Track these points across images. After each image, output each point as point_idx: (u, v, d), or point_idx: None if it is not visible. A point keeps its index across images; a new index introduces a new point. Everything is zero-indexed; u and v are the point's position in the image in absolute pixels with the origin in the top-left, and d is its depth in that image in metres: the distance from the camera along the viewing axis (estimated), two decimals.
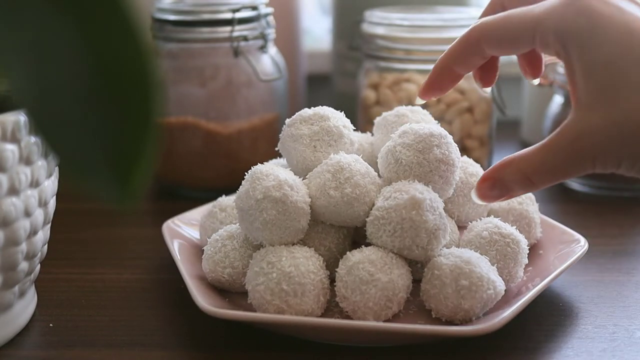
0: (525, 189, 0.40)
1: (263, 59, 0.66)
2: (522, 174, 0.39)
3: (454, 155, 0.44)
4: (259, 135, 0.67)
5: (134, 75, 0.23)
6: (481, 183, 0.41)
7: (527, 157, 0.39)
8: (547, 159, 0.38)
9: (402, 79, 0.67)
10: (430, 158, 0.43)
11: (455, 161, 0.45)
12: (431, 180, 0.44)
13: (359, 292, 0.41)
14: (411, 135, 0.44)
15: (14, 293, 0.42)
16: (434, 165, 0.43)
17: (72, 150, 0.24)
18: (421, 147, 0.44)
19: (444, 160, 0.44)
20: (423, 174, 0.44)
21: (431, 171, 0.43)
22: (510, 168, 0.40)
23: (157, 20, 0.66)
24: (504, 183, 0.40)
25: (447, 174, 0.44)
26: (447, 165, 0.44)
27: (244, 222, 0.44)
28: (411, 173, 0.44)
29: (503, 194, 0.41)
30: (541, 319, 0.45)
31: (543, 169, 0.38)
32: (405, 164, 0.44)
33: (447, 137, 0.45)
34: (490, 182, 0.41)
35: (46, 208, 0.42)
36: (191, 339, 0.43)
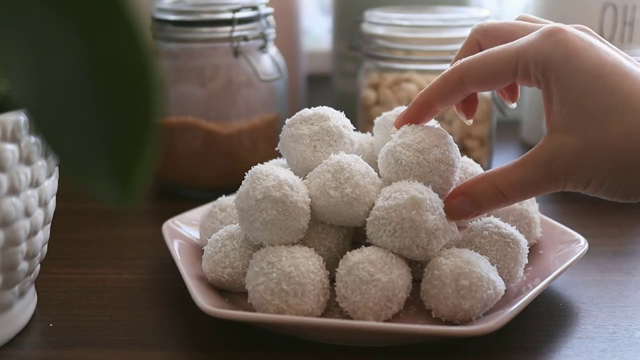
0: (495, 204, 0.42)
1: (263, 59, 0.67)
2: (495, 188, 0.41)
3: (453, 155, 0.44)
4: (259, 135, 0.67)
5: (134, 75, 0.23)
6: (451, 199, 0.43)
7: (502, 173, 0.41)
8: (523, 175, 0.40)
9: (402, 79, 0.67)
10: (430, 158, 0.43)
11: (455, 161, 0.44)
12: (431, 180, 0.44)
13: (358, 292, 0.41)
14: (411, 136, 0.44)
15: (14, 293, 0.42)
16: (433, 166, 0.43)
17: (72, 150, 0.24)
18: (421, 147, 0.43)
19: (443, 160, 0.44)
20: (423, 174, 0.43)
21: (431, 171, 0.43)
22: (484, 183, 0.42)
23: (157, 20, 0.66)
24: (475, 198, 0.42)
25: (447, 174, 0.44)
26: (447, 165, 0.44)
27: (244, 222, 0.44)
28: (411, 173, 0.44)
29: (472, 211, 0.43)
30: (541, 319, 0.45)
31: (518, 185, 0.41)
32: (405, 164, 0.43)
33: (447, 137, 0.45)
34: (461, 198, 0.43)
35: (46, 208, 0.42)
36: (191, 339, 0.43)
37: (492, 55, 0.41)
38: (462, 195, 0.43)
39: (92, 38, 0.23)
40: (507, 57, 0.41)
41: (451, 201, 0.43)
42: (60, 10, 0.23)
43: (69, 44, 0.23)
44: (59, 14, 0.23)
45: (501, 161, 0.76)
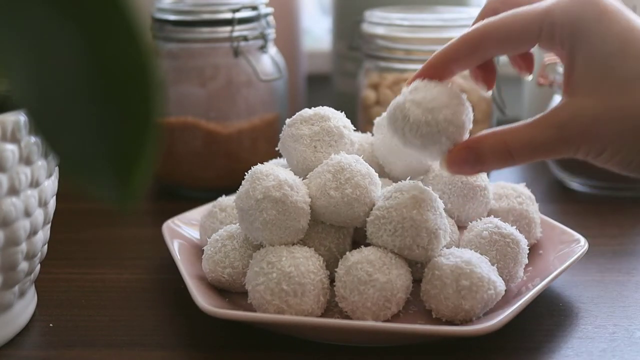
0: (501, 163, 0.40)
1: (263, 59, 0.66)
2: (504, 145, 0.39)
3: (464, 117, 0.41)
4: (259, 135, 0.67)
5: (134, 75, 0.23)
6: (456, 151, 0.41)
7: (513, 131, 0.39)
8: (535, 135, 0.39)
9: (402, 79, 0.67)
10: (439, 118, 0.40)
11: (466, 123, 0.41)
12: (438, 142, 0.41)
13: (357, 292, 0.41)
14: (422, 92, 0.41)
15: (14, 293, 0.42)
16: (442, 126, 0.40)
17: (72, 150, 0.24)
18: (431, 106, 0.40)
19: (453, 121, 0.40)
20: (430, 134, 0.40)
21: (439, 132, 0.40)
22: (493, 139, 0.40)
23: (157, 20, 0.66)
24: (481, 153, 0.40)
25: (455, 136, 0.41)
26: (456, 127, 0.40)
27: (244, 222, 0.44)
28: (418, 132, 0.40)
29: (475, 167, 0.40)
30: (541, 319, 0.45)
31: (529, 144, 0.39)
32: (412, 121, 0.40)
33: (460, 96, 0.42)
34: (466, 151, 0.40)
35: (46, 208, 0.42)
36: (191, 339, 0.43)
37: (517, 15, 0.39)
38: (467, 148, 0.40)
39: (92, 38, 0.23)
40: (533, 17, 0.39)
41: (455, 153, 0.40)
42: (61, 10, 0.23)
43: (69, 44, 0.23)
44: (59, 14, 0.23)
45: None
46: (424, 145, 0.41)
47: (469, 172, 0.41)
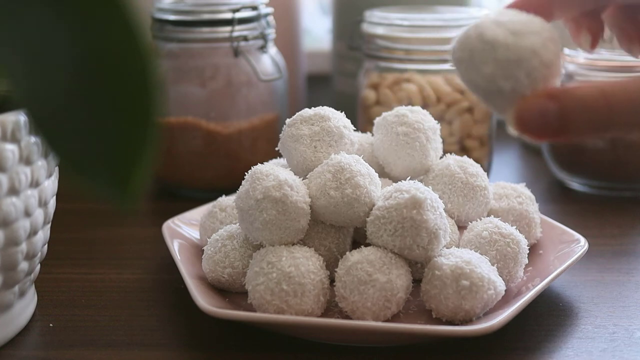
0: (592, 126, 0.29)
1: (263, 59, 0.66)
2: (602, 97, 0.28)
3: (556, 57, 0.32)
4: (259, 135, 0.67)
5: (134, 75, 0.23)
6: (534, 98, 0.30)
7: (616, 83, 0.29)
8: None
9: (402, 79, 0.67)
10: (523, 44, 0.31)
11: (555, 66, 0.32)
12: (512, 76, 0.31)
13: (357, 292, 0.41)
14: (508, 15, 0.32)
15: (14, 293, 0.42)
16: (524, 55, 0.31)
17: (72, 150, 0.24)
18: (516, 29, 0.31)
19: (540, 53, 0.31)
20: (506, 63, 0.31)
21: (519, 61, 0.31)
22: (587, 88, 0.29)
23: (157, 20, 0.66)
24: (568, 107, 0.29)
25: (537, 74, 0.31)
26: (541, 63, 0.31)
27: (244, 222, 0.44)
28: (491, 56, 0.31)
29: (554, 127, 0.29)
30: (541, 319, 0.45)
31: None
32: (487, 40, 0.31)
33: (554, 35, 0.32)
34: (548, 101, 0.29)
35: (46, 208, 0.42)
36: (191, 339, 0.43)
37: None
38: (550, 97, 0.29)
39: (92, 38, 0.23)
40: None
41: (530, 99, 0.30)
42: (61, 10, 0.23)
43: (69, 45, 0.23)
44: (58, 14, 0.23)
45: (501, 161, 0.76)
46: (493, 78, 0.31)
47: (543, 134, 0.30)
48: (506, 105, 0.31)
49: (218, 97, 0.65)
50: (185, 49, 0.65)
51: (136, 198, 0.24)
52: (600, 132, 0.29)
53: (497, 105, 0.32)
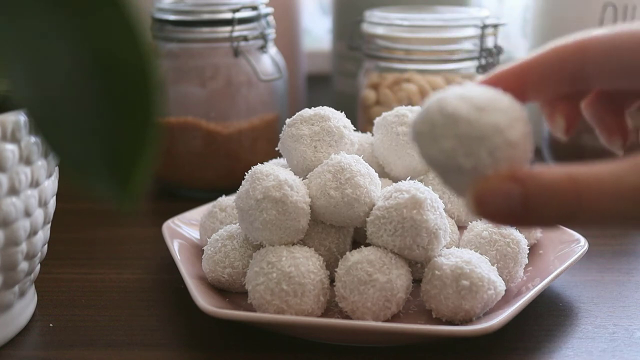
0: (558, 215, 0.26)
1: (263, 59, 0.66)
2: (572, 187, 0.25)
3: (523, 137, 0.28)
4: (259, 135, 0.67)
5: (134, 75, 0.23)
6: (495, 180, 0.27)
7: (590, 170, 0.25)
8: (633, 181, 0.25)
9: (402, 79, 0.67)
10: (486, 120, 0.28)
11: (521, 146, 0.28)
12: (474, 155, 0.28)
13: (357, 292, 0.41)
14: (475, 89, 0.29)
15: (14, 293, 0.42)
16: (487, 132, 0.27)
17: (72, 150, 0.24)
18: (482, 105, 0.28)
19: (505, 132, 0.28)
20: (467, 139, 0.28)
21: (481, 138, 0.27)
22: (557, 175, 0.26)
23: (157, 20, 0.66)
24: (532, 193, 0.26)
25: (501, 153, 0.28)
26: (506, 142, 0.28)
27: (244, 222, 0.44)
28: (453, 131, 0.28)
29: (516, 212, 0.26)
30: (541, 319, 0.45)
31: (616, 194, 0.25)
32: (449, 113, 0.28)
33: (523, 114, 0.29)
34: (510, 184, 0.26)
35: (46, 208, 0.42)
36: (191, 339, 0.43)
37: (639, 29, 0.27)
38: (513, 183, 0.26)
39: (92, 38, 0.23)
40: None
41: (492, 180, 0.27)
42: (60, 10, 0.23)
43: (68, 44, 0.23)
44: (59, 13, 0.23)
45: None
46: (453, 154, 0.28)
47: (504, 219, 0.27)
48: (466, 185, 0.28)
49: (218, 97, 0.65)
50: (185, 49, 0.65)
51: (136, 198, 0.24)
52: (568, 222, 0.26)
53: (457, 184, 0.29)
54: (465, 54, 0.67)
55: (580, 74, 0.29)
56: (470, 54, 0.67)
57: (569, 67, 0.29)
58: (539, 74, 0.30)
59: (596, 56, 0.28)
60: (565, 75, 0.29)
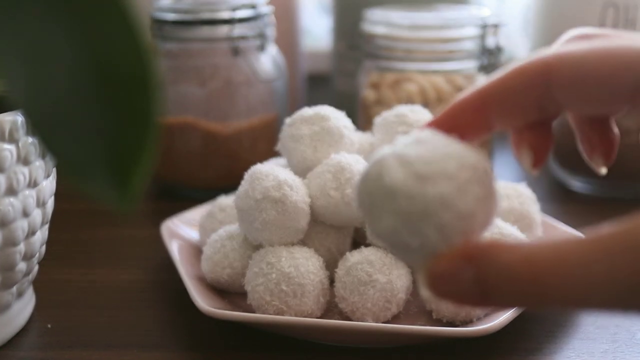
0: (517, 300, 0.23)
1: (263, 59, 0.66)
2: (530, 268, 0.22)
3: (477, 204, 0.25)
4: (259, 135, 0.67)
5: (134, 75, 0.22)
6: (446, 260, 0.24)
7: (550, 247, 0.22)
8: (594, 262, 0.22)
9: (402, 79, 0.67)
10: (430, 193, 0.24)
11: (478, 215, 0.25)
12: (419, 234, 0.24)
13: (357, 293, 0.41)
14: (421, 148, 0.25)
15: (11, 294, 0.41)
16: (431, 208, 0.24)
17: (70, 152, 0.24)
18: (425, 171, 0.25)
19: (453, 205, 0.24)
20: (408, 217, 0.24)
21: (425, 216, 0.24)
22: (512, 253, 0.23)
23: (156, 19, 0.65)
24: (485, 272, 0.23)
25: (451, 231, 0.25)
26: (456, 216, 0.24)
27: (244, 223, 0.44)
28: (392, 206, 0.24)
29: (469, 291, 0.23)
30: (542, 319, 0.45)
31: (577, 275, 0.22)
32: (387, 187, 0.25)
33: (479, 168, 0.25)
34: (462, 265, 0.23)
35: (44, 208, 0.42)
36: (190, 340, 0.43)
37: (611, 50, 0.25)
38: (466, 263, 0.23)
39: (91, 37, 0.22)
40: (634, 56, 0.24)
41: (442, 260, 0.24)
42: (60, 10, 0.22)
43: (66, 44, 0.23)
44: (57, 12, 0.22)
45: (502, 161, 0.76)
46: (396, 233, 0.24)
47: (461, 300, 0.24)
48: (418, 262, 0.25)
49: (217, 97, 0.65)
50: (184, 48, 0.65)
51: (135, 199, 0.24)
52: (533, 306, 0.23)
53: (408, 261, 0.25)
54: (466, 53, 0.66)
55: (546, 99, 0.26)
56: (471, 54, 0.66)
57: (534, 91, 0.26)
58: (501, 100, 0.26)
59: (562, 78, 0.25)
60: (531, 100, 0.26)
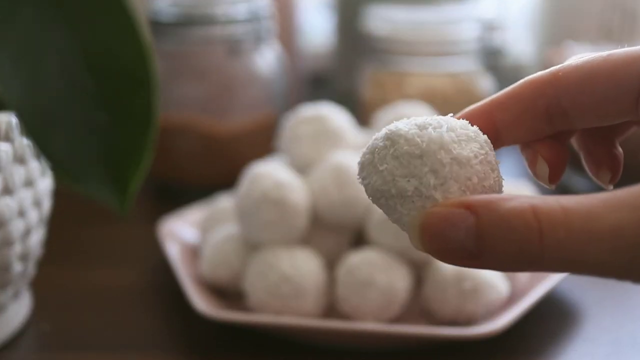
0: (516, 252, 0.22)
1: (262, 58, 0.66)
2: (535, 219, 0.21)
3: (478, 157, 0.25)
4: (259, 135, 0.67)
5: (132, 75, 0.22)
6: (443, 207, 0.23)
7: (554, 201, 0.22)
8: (605, 217, 0.21)
9: (403, 77, 0.67)
10: (430, 136, 0.24)
11: (476, 167, 0.25)
12: (417, 175, 0.24)
13: (357, 293, 0.40)
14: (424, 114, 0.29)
15: (8, 295, 0.41)
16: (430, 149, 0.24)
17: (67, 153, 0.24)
18: (427, 123, 0.25)
19: (453, 149, 0.24)
20: (406, 159, 0.24)
21: (422, 156, 0.24)
22: (516, 202, 0.22)
23: (155, 19, 0.65)
24: (486, 223, 0.22)
25: (449, 174, 0.24)
26: (455, 161, 0.24)
27: (243, 223, 0.43)
28: (390, 151, 0.25)
29: (466, 245, 0.22)
30: (544, 321, 0.44)
31: (586, 229, 0.21)
32: (388, 134, 0.25)
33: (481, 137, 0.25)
34: (460, 213, 0.22)
35: (41, 208, 0.42)
36: (188, 342, 0.43)
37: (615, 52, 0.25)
38: (464, 209, 0.22)
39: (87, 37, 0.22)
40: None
41: (437, 210, 0.23)
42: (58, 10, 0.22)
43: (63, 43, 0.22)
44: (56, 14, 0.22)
45: (504, 160, 0.76)
46: (392, 177, 0.24)
47: (452, 254, 0.23)
48: (410, 215, 0.24)
49: (217, 96, 0.65)
50: (183, 48, 0.65)
51: (132, 200, 0.24)
52: (530, 264, 0.22)
53: (401, 216, 0.24)
54: (467, 51, 0.66)
55: (555, 109, 0.25)
56: (473, 52, 0.66)
57: (543, 101, 0.25)
58: (510, 111, 0.26)
59: (570, 86, 0.25)
60: (540, 111, 0.26)
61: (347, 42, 0.77)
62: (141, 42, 0.22)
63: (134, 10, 0.22)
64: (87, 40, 0.22)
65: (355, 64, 0.79)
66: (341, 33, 0.84)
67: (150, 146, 0.23)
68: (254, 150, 0.66)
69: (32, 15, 0.23)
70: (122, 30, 0.22)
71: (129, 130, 0.23)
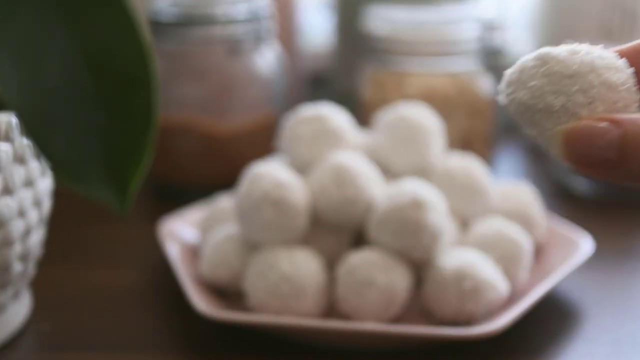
0: None
1: (262, 59, 0.66)
2: None
3: (624, 81, 0.26)
4: (259, 135, 0.67)
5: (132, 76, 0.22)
6: (588, 121, 0.24)
7: None
8: None
9: (403, 78, 0.66)
10: (583, 59, 0.26)
11: (621, 91, 0.26)
12: (565, 93, 0.25)
13: (358, 293, 0.40)
14: None
15: (7, 295, 0.41)
16: (581, 69, 0.26)
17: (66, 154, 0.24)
18: (580, 48, 0.27)
19: (602, 71, 0.26)
20: (555, 77, 0.26)
21: (572, 76, 0.26)
22: None
23: (155, 19, 0.65)
24: (631, 136, 0.23)
25: (595, 93, 0.25)
26: (602, 81, 0.26)
27: (243, 223, 0.43)
28: (542, 69, 0.26)
29: (610, 158, 0.23)
30: (544, 321, 0.44)
31: None
32: (542, 54, 0.27)
33: (625, 65, 0.26)
34: (606, 127, 0.24)
35: (41, 208, 0.42)
36: (188, 342, 0.43)
37: None
38: (611, 123, 0.24)
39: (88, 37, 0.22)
40: None
41: (583, 123, 0.24)
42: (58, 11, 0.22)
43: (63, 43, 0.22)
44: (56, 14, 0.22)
45: (505, 161, 0.76)
46: (541, 93, 0.25)
47: (595, 165, 0.24)
48: (556, 126, 0.25)
49: (217, 96, 0.65)
50: (183, 48, 0.65)
51: (132, 199, 0.24)
52: None
53: (545, 128, 0.26)
54: (468, 51, 0.66)
55: None
56: (474, 52, 0.66)
57: None
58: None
59: None
60: None
61: (347, 42, 0.77)
62: (141, 42, 0.22)
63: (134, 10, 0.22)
64: (87, 40, 0.22)
65: (355, 64, 0.79)
66: (341, 33, 0.84)
67: (150, 146, 0.23)
68: (254, 150, 0.66)
69: (32, 15, 0.23)
70: (122, 30, 0.22)
71: (129, 130, 0.23)
